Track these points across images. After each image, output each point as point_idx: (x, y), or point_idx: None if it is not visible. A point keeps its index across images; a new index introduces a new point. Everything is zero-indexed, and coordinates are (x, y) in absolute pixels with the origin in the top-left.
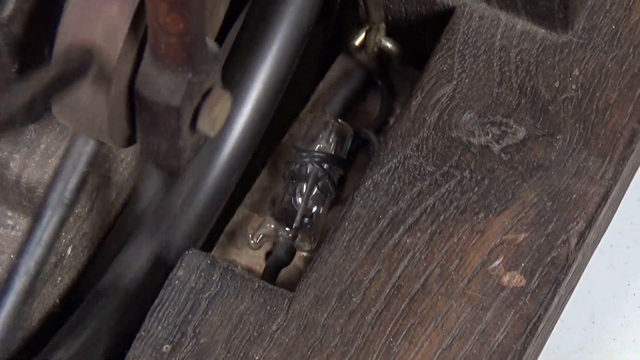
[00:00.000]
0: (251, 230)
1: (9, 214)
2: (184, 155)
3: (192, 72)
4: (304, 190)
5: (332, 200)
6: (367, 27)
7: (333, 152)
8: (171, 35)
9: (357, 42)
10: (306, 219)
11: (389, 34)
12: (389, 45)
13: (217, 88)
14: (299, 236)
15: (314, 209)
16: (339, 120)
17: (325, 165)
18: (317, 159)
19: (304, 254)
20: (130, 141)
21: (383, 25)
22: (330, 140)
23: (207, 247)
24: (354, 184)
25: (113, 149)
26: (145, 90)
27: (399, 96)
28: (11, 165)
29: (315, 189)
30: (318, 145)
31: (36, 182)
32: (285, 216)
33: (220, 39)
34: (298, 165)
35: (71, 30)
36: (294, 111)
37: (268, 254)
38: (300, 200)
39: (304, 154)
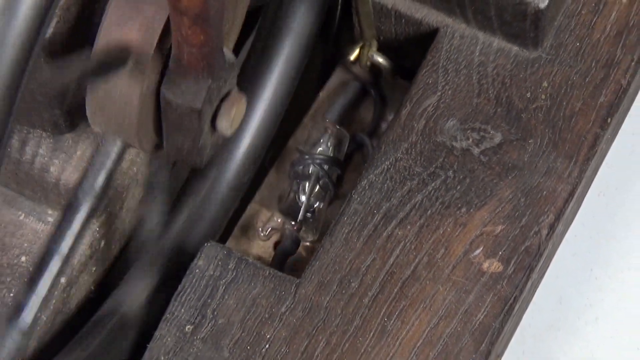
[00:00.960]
0: (261, 224)
1: (49, 212)
2: (205, 152)
3: (212, 79)
4: (307, 188)
5: (332, 196)
6: (361, 44)
7: (332, 154)
8: (192, 46)
9: (352, 57)
10: (309, 214)
11: (381, 51)
12: (380, 60)
13: (234, 92)
14: (303, 228)
15: (316, 204)
16: (337, 126)
17: (325, 166)
18: (318, 161)
19: (308, 243)
20: (157, 147)
21: (375, 42)
22: (330, 143)
23: (223, 239)
24: (351, 182)
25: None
26: (170, 94)
27: (389, 105)
28: (51, 169)
29: (317, 187)
30: (319, 148)
31: (72, 183)
32: (290, 211)
33: (236, 50)
34: (301, 166)
35: (111, 29)
36: (297, 118)
37: (276, 244)
38: (303, 197)
39: (307, 156)
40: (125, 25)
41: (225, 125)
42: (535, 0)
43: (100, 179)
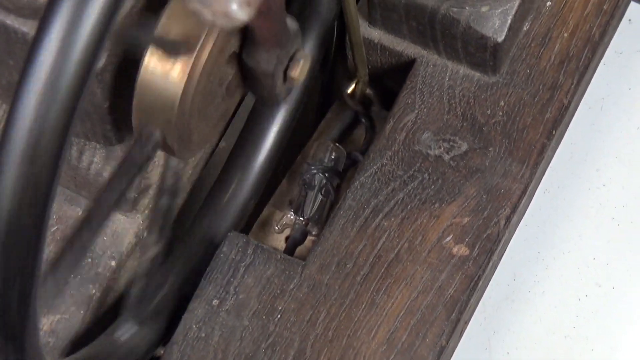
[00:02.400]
0: (275, 221)
1: None
2: (281, 97)
3: (279, 48)
4: (313, 193)
5: (332, 200)
6: (356, 80)
7: (332, 167)
8: (263, 29)
9: (349, 91)
10: (315, 215)
11: (370, 78)
12: (370, 93)
13: (300, 51)
14: (310, 224)
15: (320, 206)
16: (337, 145)
17: (327, 176)
18: (321, 172)
19: (313, 236)
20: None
21: (367, 78)
22: (330, 158)
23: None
24: (347, 188)
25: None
26: (250, 61)
27: (377, 129)
28: (104, 174)
29: (320, 193)
30: (322, 162)
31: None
32: (300, 211)
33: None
34: (308, 176)
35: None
36: (303, 139)
37: (287, 238)
38: (310, 200)
39: (312, 168)
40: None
41: (296, 74)
42: (493, 36)
43: (129, 172)
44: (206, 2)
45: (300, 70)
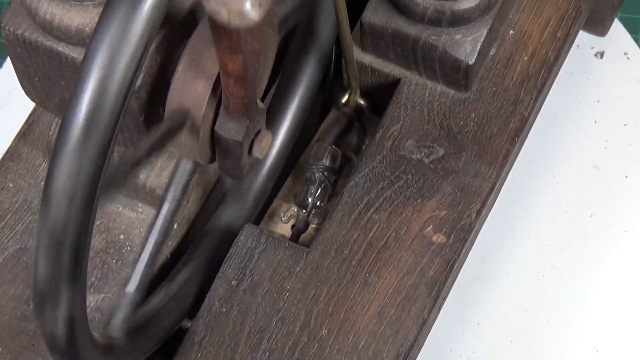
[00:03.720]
0: (282, 213)
1: (139, 204)
2: (245, 170)
3: (249, 120)
4: (313, 189)
5: (330, 194)
6: (349, 91)
7: (330, 166)
8: (236, 98)
9: (343, 100)
10: (315, 206)
11: (362, 93)
12: (362, 102)
13: (263, 129)
14: (311, 215)
15: (319, 199)
16: (333, 146)
17: (326, 174)
18: (320, 170)
19: (314, 226)
20: (212, 160)
21: (358, 90)
22: (328, 158)
23: (256, 223)
24: (342, 184)
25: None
26: (221, 131)
27: (368, 133)
28: (140, 176)
29: (320, 188)
30: (321, 162)
31: (155, 186)
32: (303, 204)
33: (267, 92)
34: (309, 174)
35: (174, 98)
36: (306, 142)
37: (292, 226)
38: (311, 194)
39: (313, 167)
40: (185, 93)
41: (258, 151)
42: (466, 59)
43: (180, 186)
44: (224, 1)
45: (263, 147)
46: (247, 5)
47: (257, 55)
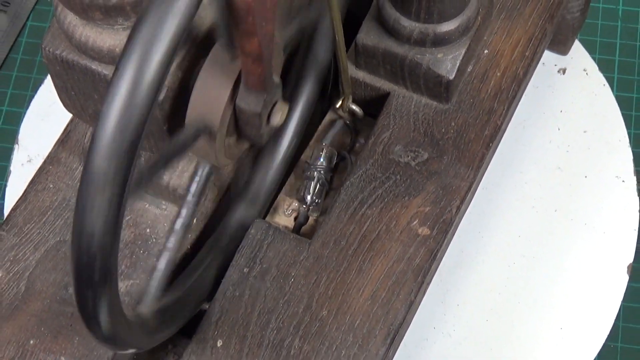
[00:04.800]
0: (285, 207)
1: (163, 202)
2: (264, 137)
3: (266, 94)
4: (312, 186)
5: (327, 190)
6: (343, 97)
7: (326, 164)
8: (254, 75)
9: (338, 105)
10: (314, 202)
11: (357, 104)
12: (354, 107)
13: (280, 101)
14: (310, 209)
15: (317, 195)
16: (329, 146)
17: (323, 172)
18: (318, 168)
19: (313, 218)
20: (226, 163)
21: (351, 96)
22: (325, 157)
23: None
24: (338, 180)
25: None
26: (242, 103)
27: (361, 134)
28: (164, 177)
29: (318, 185)
30: (319, 161)
31: (177, 186)
32: (303, 199)
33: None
34: (308, 172)
35: (194, 109)
36: (306, 142)
37: (295, 219)
38: (310, 190)
39: (311, 165)
40: (203, 104)
41: (275, 120)
42: (447, 75)
43: (200, 187)
44: None
45: (280, 116)
46: None
47: (271, 37)
